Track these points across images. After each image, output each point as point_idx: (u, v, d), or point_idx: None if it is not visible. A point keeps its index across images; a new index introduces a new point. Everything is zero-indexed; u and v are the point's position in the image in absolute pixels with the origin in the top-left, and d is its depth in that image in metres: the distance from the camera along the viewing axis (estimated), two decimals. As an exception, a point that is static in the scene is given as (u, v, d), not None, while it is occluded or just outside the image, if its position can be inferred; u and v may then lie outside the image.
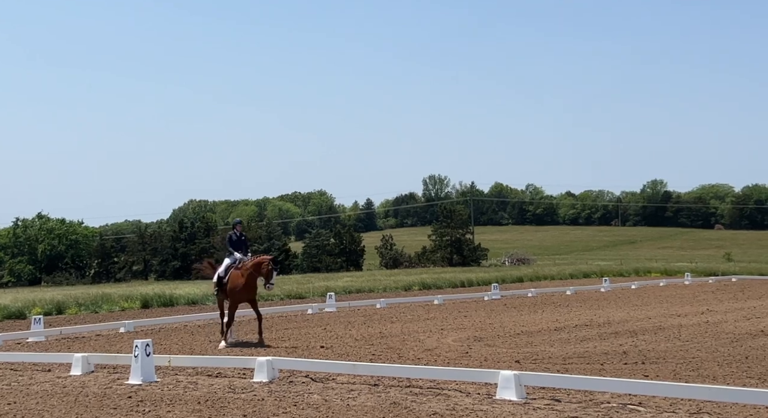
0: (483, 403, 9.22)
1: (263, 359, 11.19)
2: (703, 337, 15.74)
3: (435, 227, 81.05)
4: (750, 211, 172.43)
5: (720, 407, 8.72)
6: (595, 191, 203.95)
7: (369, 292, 33.44)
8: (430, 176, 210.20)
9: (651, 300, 27.61)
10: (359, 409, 8.97)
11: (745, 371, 11.37)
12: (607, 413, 8.60)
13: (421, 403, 9.27)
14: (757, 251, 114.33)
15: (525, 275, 44.94)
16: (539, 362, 12.55)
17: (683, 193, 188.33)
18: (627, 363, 12.26)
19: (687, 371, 11.43)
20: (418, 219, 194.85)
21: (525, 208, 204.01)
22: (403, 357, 13.31)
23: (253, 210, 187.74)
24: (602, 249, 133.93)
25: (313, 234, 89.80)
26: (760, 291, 32.08)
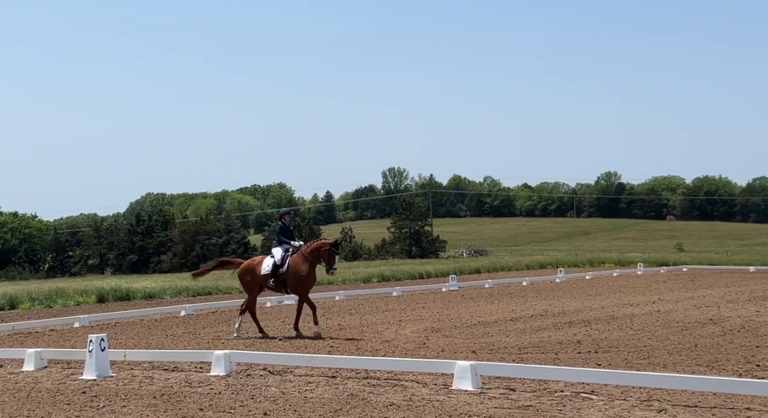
0: (440, 393, 9.32)
1: (220, 353, 11.16)
2: (654, 326, 16.09)
3: (394, 220, 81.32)
4: (700, 202, 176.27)
5: (669, 394, 8.93)
6: (551, 183, 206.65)
7: (328, 284, 33.43)
8: (389, 169, 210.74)
9: (604, 290, 28.10)
10: (316, 401, 9.01)
11: (694, 358, 11.65)
12: (560, 401, 8.75)
13: (378, 394, 9.34)
14: (707, 241, 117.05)
15: (482, 267, 45.35)
16: (495, 352, 12.71)
17: (636, 185, 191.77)
18: (580, 352, 12.49)
19: (638, 359, 11.68)
20: (378, 212, 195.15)
21: (483, 200, 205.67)
22: (361, 349, 13.37)
23: (211, 203, 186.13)
24: (558, 240, 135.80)
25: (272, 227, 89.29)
26: (710, 280, 32.85)
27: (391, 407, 8.62)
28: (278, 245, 16.01)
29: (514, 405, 8.57)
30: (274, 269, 15.61)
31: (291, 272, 15.46)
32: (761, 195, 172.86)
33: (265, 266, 15.78)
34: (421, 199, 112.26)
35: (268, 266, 15.73)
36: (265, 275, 15.72)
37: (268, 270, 15.71)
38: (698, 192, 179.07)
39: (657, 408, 8.26)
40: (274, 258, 15.79)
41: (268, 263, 15.78)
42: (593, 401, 8.69)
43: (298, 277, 15.44)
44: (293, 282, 15.49)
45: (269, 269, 15.69)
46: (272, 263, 15.70)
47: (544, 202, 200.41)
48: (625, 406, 8.41)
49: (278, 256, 15.73)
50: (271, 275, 15.61)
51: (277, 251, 15.84)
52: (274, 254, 15.87)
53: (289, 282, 15.51)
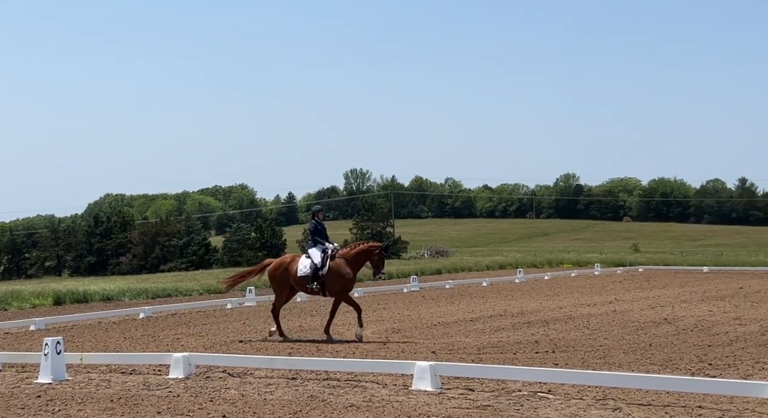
0: (399, 394, 9.38)
1: (179, 355, 11.09)
2: (611, 325, 16.35)
3: (356, 221, 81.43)
4: (656, 203, 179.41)
5: (624, 393, 9.09)
6: (511, 185, 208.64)
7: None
8: (351, 170, 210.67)
9: (562, 290, 28.45)
10: (276, 403, 9.01)
11: (649, 357, 11.88)
12: (518, 401, 8.87)
13: (338, 395, 9.37)
14: (662, 242, 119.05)
15: (443, 267, 45.56)
16: (455, 352, 12.82)
17: (594, 187, 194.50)
18: (538, 352, 12.65)
19: (594, 358, 11.87)
20: (340, 213, 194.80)
21: (444, 201, 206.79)
22: (322, 350, 13.39)
23: (172, 204, 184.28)
24: (517, 241, 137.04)
25: (233, 228, 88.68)
26: (665, 281, 33.43)
27: (351, 408, 8.66)
28: (313, 245, 15.14)
29: (473, 405, 8.67)
30: (314, 271, 14.75)
31: (333, 275, 14.66)
32: (715, 197, 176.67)
33: (301, 267, 14.89)
34: (383, 200, 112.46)
35: (306, 268, 14.84)
36: (303, 276, 14.85)
37: (306, 272, 14.82)
38: (654, 194, 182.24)
39: (612, 407, 8.41)
40: (311, 259, 14.91)
41: (305, 263, 14.91)
42: (550, 401, 8.82)
43: (341, 280, 14.70)
44: (335, 286, 14.72)
45: (307, 270, 14.80)
46: (310, 265, 14.84)
47: (504, 204, 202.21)
48: (581, 405, 8.55)
49: (317, 258, 14.83)
50: (312, 277, 14.77)
51: (315, 252, 14.97)
52: (312, 255, 14.96)
53: (330, 286, 14.73)
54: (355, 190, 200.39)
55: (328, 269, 14.69)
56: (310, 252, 15.08)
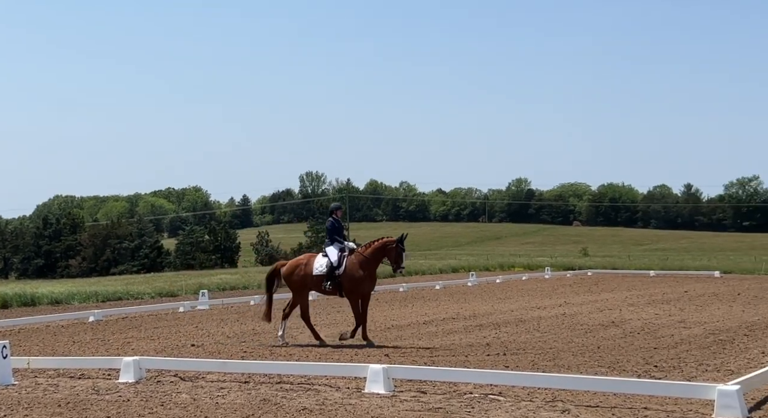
0: (352, 397, 9.41)
1: (129, 359, 10.96)
2: (560, 328, 16.61)
3: (311, 224, 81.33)
4: (605, 208, 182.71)
5: (573, 395, 9.26)
6: (465, 189, 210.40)
7: (243, 289, 33.09)
8: (307, 173, 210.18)
9: (514, 293, 28.79)
10: (228, 407, 8.97)
11: (597, 360, 12.12)
12: (469, 403, 8.98)
13: (291, 399, 9.36)
14: (611, 246, 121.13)
15: (398, 271, 45.62)
16: (408, 355, 12.90)
17: (545, 192, 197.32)
18: (490, 355, 12.81)
19: (544, 361, 12.06)
20: (295, 215, 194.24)
21: (399, 204, 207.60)
22: (275, 354, 13.35)
23: (123, 206, 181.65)
24: (470, 244, 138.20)
25: (186, 231, 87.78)
26: (613, 284, 34.03)
27: (304, 411, 8.67)
28: (331, 243, 14.61)
29: (425, 407, 8.75)
30: (330, 270, 14.29)
31: (349, 274, 14.23)
32: (661, 202, 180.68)
33: (317, 266, 14.42)
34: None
35: (322, 267, 14.36)
36: (319, 275, 14.38)
37: (322, 271, 14.34)
38: (603, 199, 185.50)
39: (561, 409, 8.57)
40: (327, 257, 14.42)
41: (321, 262, 14.43)
42: (501, 403, 8.94)
43: (357, 280, 14.24)
44: (351, 286, 14.26)
45: (323, 269, 14.33)
46: (326, 263, 14.35)
47: (458, 208, 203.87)
48: (531, 407, 8.70)
49: (334, 256, 14.33)
50: (327, 277, 14.32)
51: (332, 251, 14.45)
52: (329, 253, 14.44)
53: (347, 286, 14.27)
54: (311, 193, 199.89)
55: (344, 268, 14.23)
56: (327, 251, 14.53)
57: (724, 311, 20.53)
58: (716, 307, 21.68)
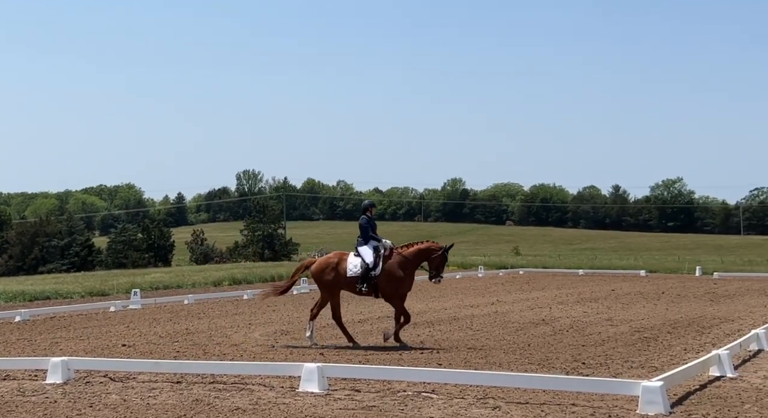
0: (286, 396, 9.41)
1: (57, 360, 10.72)
2: (492, 326, 16.90)
3: (247, 222, 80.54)
4: (536, 208, 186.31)
5: (504, 392, 9.43)
6: (401, 188, 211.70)
7: (177, 288, 32.62)
8: (243, 171, 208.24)
9: (448, 292, 29.08)
10: (160, 407, 8.87)
11: (527, 357, 12.38)
12: (402, 401, 9.07)
13: (224, 399, 9.31)
14: (542, 245, 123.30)
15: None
16: (342, 353, 12.96)
17: (479, 192, 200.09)
18: (423, 353, 12.96)
19: (477, 358, 12.26)
20: (231, 214, 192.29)
21: (336, 203, 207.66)
22: (209, 353, 13.23)
23: (53, 203, 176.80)
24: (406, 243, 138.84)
25: (119, 229, 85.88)
26: (543, 283, 34.71)
27: (237, 411, 8.64)
28: (365, 242, 14.06)
29: (359, 406, 8.81)
30: (365, 271, 13.73)
31: (387, 275, 13.67)
32: (590, 203, 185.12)
33: (351, 267, 13.85)
34: (275, 202, 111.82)
35: (356, 267, 13.80)
36: (353, 277, 13.81)
37: (356, 272, 13.77)
38: (534, 199, 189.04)
39: (492, 406, 8.74)
40: (361, 258, 13.90)
41: (355, 263, 13.88)
42: (433, 400, 9.07)
43: (396, 281, 13.75)
44: (389, 288, 13.77)
45: (358, 270, 13.76)
46: (360, 264, 13.81)
47: (394, 207, 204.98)
48: (463, 404, 8.84)
49: (370, 257, 13.80)
50: (362, 278, 13.73)
51: (366, 251, 13.92)
52: (363, 253, 13.92)
53: (384, 287, 13.75)
54: (247, 191, 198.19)
55: (381, 269, 13.72)
56: (360, 250, 14.00)
57: (648, 309, 21.17)
58: (642, 305, 22.34)
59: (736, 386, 9.82)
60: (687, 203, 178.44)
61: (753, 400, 8.98)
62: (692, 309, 21.15)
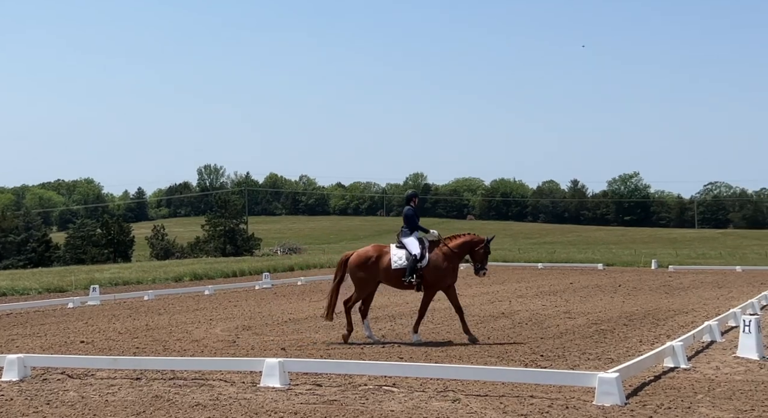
0: (247, 391, 9.41)
1: (13, 357, 10.57)
2: (453, 320, 16.93)
3: (209, 217, 79.88)
4: (497, 203, 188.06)
5: (463, 385, 9.55)
6: (363, 183, 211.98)
7: (137, 284, 32.27)
8: (205, 166, 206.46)
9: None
10: (119, 404, 8.81)
11: (487, 350, 12.52)
12: (364, 394, 9.13)
13: (184, 395, 9.28)
14: (502, 239, 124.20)
15: (296, 264, 45.58)
16: (304, 348, 12.97)
17: (441, 186, 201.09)
18: (384, 346, 13.03)
19: (437, 352, 12.37)
20: (192, 209, 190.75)
21: (298, 198, 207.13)
22: (169, 349, 13.15)
23: (9, 198, 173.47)
24: (368, 238, 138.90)
25: (77, 224, 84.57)
26: (503, 277, 35.04)
27: (197, 407, 8.61)
28: (410, 233, 13.66)
29: (320, 400, 8.84)
30: (412, 263, 13.35)
31: (433, 267, 13.39)
32: (549, 197, 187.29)
33: (395, 259, 13.44)
34: (237, 197, 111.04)
35: (401, 259, 13.40)
36: (398, 269, 13.41)
37: (401, 264, 13.37)
38: (495, 193, 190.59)
39: (452, 398, 8.84)
40: (405, 249, 13.52)
41: (399, 254, 13.47)
42: (394, 394, 9.14)
43: (442, 273, 13.45)
44: (434, 279, 13.47)
45: (403, 262, 13.37)
46: (405, 256, 13.43)
47: (357, 201, 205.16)
48: (423, 397, 8.93)
49: (416, 248, 13.41)
50: (409, 270, 13.32)
51: (411, 242, 13.53)
52: (409, 245, 13.53)
53: (430, 279, 13.45)
54: (209, 186, 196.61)
55: (428, 261, 13.41)
56: (406, 242, 13.61)
57: (605, 302, 21.52)
58: (599, 298, 22.70)
59: (690, 377, 10.05)
60: (643, 198, 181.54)
61: (705, 390, 9.20)
62: (648, 302, 21.55)
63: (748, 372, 10.38)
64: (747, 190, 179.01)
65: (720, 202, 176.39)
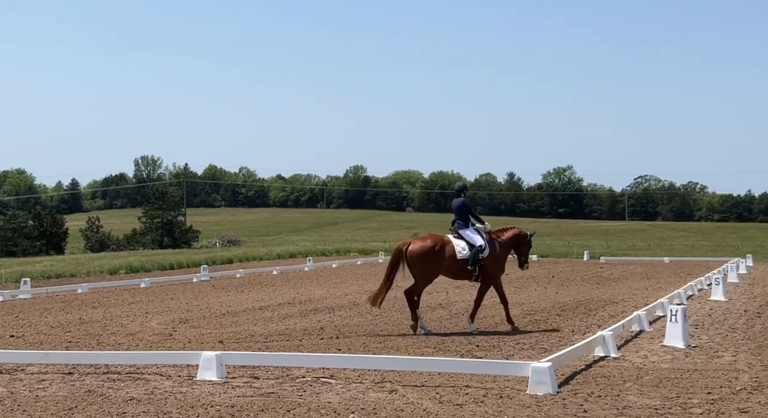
0: (183, 385, 9.33)
1: (-60, 353, 10.27)
2: (392, 311, 17.16)
3: (146, 209, 78.41)
4: (435, 195, 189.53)
5: (401, 376, 9.64)
6: (304, 175, 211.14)
7: (71, 277, 31.56)
8: (142, 157, 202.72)
9: (349, 278, 29.33)
10: (49, 399, 8.64)
11: (424, 341, 12.65)
12: (301, 386, 9.14)
13: (118, 389, 9.15)
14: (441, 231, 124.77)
15: (235, 256, 45.23)
16: (242, 341, 12.90)
17: (381, 179, 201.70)
18: (323, 338, 13.05)
19: (375, 343, 12.46)
20: (129, 201, 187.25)
21: (238, 190, 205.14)
22: (103, 343, 12.93)
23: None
24: (308, 230, 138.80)
25: (8, 216, 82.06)
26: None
27: (132, 401, 8.50)
28: (465, 225, 13.84)
29: (257, 393, 8.83)
30: (475, 253, 13.47)
31: (494, 258, 13.74)
32: (486, 190, 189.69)
33: (460, 249, 13.52)
34: (175, 188, 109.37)
35: (465, 249, 13.51)
36: (463, 259, 13.49)
37: (466, 254, 13.47)
38: (434, 186, 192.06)
39: (389, 389, 8.92)
40: (465, 240, 13.64)
41: (462, 245, 13.57)
42: (332, 385, 9.18)
43: (499, 264, 13.93)
44: (494, 270, 13.81)
45: (467, 252, 13.48)
46: (467, 246, 13.56)
47: (297, 194, 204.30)
48: (361, 388, 9.00)
49: (480, 239, 13.64)
50: (472, 260, 13.44)
51: (472, 233, 13.74)
52: (469, 235, 13.71)
53: (490, 270, 13.75)
54: (146, 177, 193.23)
55: (489, 252, 13.70)
56: (465, 232, 13.78)
57: (539, 292, 21.96)
58: (533, 289, 23.14)
59: (619, 366, 10.35)
60: (576, 191, 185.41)
61: (634, 378, 9.49)
62: (580, 292, 22.07)
63: (674, 360, 10.74)
64: (675, 184, 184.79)
65: (649, 195, 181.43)
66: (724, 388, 8.89)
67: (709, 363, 10.50)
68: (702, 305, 18.29)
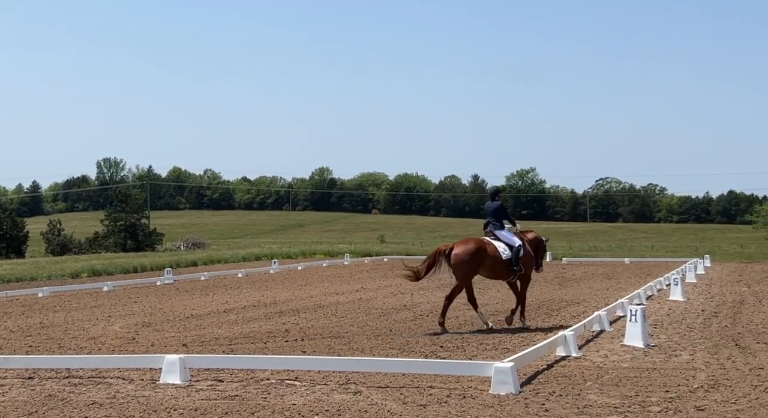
0: (146, 389, 9.27)
1: None
2: (356, 313, 17.21)
3: (108, 212, 77.43)
4: (401, 197, 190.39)
5: (365, 377, 9.69)
6: (269, 177, 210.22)
7: (31, 280, 31.07)
8: (104, 159, 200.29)
9: (314, 280, 29.31)
10: (9, 404, 8.53)
11: (389, 342, 12.72)
12: (266, 389, 9.15)
13: (79, 393, 9.06)
14: (406, 233, 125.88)
15: (200, 259, 44.88)
16: (206, 344, 12.84)
17: (346, 181, 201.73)
18: (288, 341, 13.05)
19: (340, 345, 12.48)
20: (91, 203, 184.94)
21: (202, 192, 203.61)
22: (64, 347, 12.78)
23: None
24: (274, 232, 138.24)
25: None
26: (405, 269, 35.64)
27: (93, 405, 8.44)
28: (501, 227, 14.38)
29: (221, 396, 8.81)
30: (516, 253, 14.02)
31: (528, 257, 14.37)
32: (451, 192, 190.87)
33: (502, 250, 14.04)
34: (138, 191, 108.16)
35: (506, 250, 14.05)
36: (508, 260, 14.04)
37: (508, 255, 14.04)
38: (399, 188, 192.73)
39: (353, 391, 8.96)
40: (502, 241, 14.18)
41: (501, 246, 14.10)
42: (296, 388, 9.19)
43: (532, 263, 14.58)
44: (527, 269, 14.42)
45: (508, 253, 14.04)
46: (506, 247, 14.09)
47: (263, 196, 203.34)
48: (325, 390, 9.03)
49: (516, 240, 14.23)
50: (515, 260, 14.00)
51: (509, 235, 14.30)
52: (506, 236, 14.26)
53: (526, 268, 14.38)
54: (108, 180, 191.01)
55: (525, 252, 14.26)
56: (501, 234, 14.31)
57: (503, 293, 22.10)
58: (497, 290, 23.28)
59: (580, 365, 10.50)
60: (539, 192, 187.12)
61: (594, 377, 9.64)
62: (542, 293, 22.31)
63: (634, 360, 10.93)
64: (635, 186, 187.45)
65: (611, 197, 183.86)
66: (682, 386, 9.07)
67: (668, 362, 10.70)
68: (661, 305, 18.60)
